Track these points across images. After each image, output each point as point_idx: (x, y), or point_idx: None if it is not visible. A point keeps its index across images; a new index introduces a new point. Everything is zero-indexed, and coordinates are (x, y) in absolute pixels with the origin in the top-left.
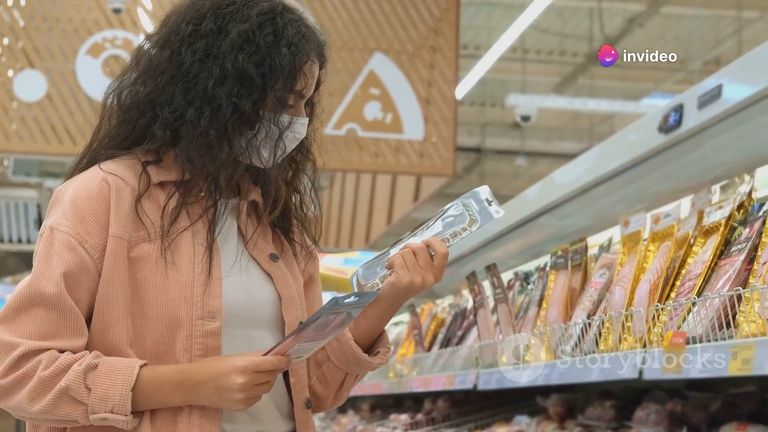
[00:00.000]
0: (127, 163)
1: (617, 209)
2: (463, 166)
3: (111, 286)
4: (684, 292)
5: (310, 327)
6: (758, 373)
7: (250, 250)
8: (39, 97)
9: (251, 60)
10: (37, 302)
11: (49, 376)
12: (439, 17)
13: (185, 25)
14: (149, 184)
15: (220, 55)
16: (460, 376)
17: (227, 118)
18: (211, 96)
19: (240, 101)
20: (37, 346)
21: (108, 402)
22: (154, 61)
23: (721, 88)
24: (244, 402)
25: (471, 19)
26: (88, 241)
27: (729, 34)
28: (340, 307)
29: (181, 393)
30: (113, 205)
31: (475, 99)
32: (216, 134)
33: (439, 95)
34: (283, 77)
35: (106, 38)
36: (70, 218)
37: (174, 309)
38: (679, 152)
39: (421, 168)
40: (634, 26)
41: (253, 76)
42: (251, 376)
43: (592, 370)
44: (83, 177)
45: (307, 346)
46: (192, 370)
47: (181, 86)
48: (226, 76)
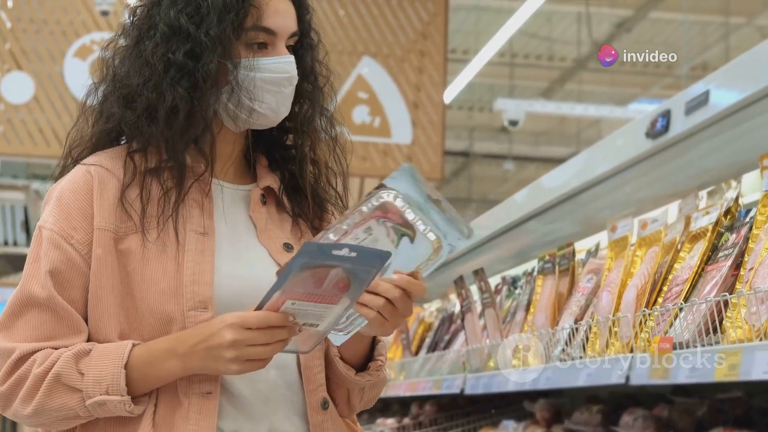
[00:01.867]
0: (112, 153)
1: (605, 214)
2: (451, 170)
3: (100, 280)
4: (671, 297)
5: (289, 279)
6: (745, 378)
7: (262, 239)
8: (26, 99)
9: (184, 12)
10: (29, 305)
11: (43, 371)
12: (428, 21)
13: (140, 9)
14: (136, 173)
15: (158, 20)
16: (447, 380)
17: (162, 75)
18: (151, 62)
19: (174, 54)
20: (32, 347)
21: (102, 383)
22: (117, 52)
23: (708, 94)
24: (236, 362)
25: (459, 24)
26: (74, 236)
27: (716, 40)
28: (327, 258)
29: (175, 360)
30: (96, 196)
31: (463, 103)
32: (157, 98)
33: (427, 99)
34: (218, 14)
35: (94, 40)
36: (55, 215)
37: (164, 302)
38: (666, 158)
39: None
40: (622, 31)
41: (185, 26)
42: (241, 333)
43: (579, 375)
44: (70, 173)
45: (311, 308)
46: (185, 334)
47: (132, 63)
48: (164, 37)
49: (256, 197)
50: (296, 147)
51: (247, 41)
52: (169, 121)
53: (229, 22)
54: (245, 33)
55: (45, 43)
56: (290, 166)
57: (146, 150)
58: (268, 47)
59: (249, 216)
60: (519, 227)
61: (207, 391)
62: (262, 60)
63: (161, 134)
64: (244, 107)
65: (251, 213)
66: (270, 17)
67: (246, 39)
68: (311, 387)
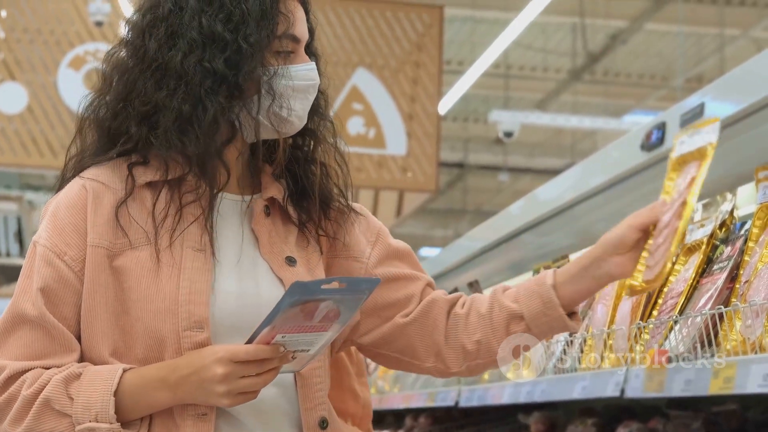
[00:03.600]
0: (110, 166)
1: (600, 227)
2: (445, 181)
3: (93, 299)
4: (666, 310)
5: (278, 317)
6: (739, 391)
7: (264, 253)
8: (20, 109)
9: (217, 18)
10: (20, 322)
11: (32, 393)
12: (423, 33)
13: (142, 18)
14: (134, 187)
15: (183, 28)
16: (441, 392)
17: (199, 85)
18: (180, 71)
19: (211, 63)
20: (22, 366)
21: (91, 410)
22: (121, 64)
23: (703, 106)
24: (227, 396)
25: (454, 35)
26: (67, 252)
27: (711, 51)
28: (315, 294)
29: (166, 390)
30: (90, 212)
31: (458, 114)
32: (191, 109)
33: (422, 110)
34: (256, 22)
35: (88, 51)
36: (49, 230)
37: (159, 322)
38: (661, 170)
39: (403, 183)
40: (617, 43)
41: (222, 33)
42: (232, 367)
43: (574, 388)
44: (66, 187)
45: (302, 338)
46: (175, 364)
47: (150, 76)
48: (194, 45)
49: (259, 209)
50: (300, 148)
51: (278, 48)
52: (208, 133)
53: (265, 29)
54: (278, 40)
55: (39, 54)
56: (295, 170)
57: (148, 162)
58: (293, 54)
59: (252, 229)
60: (514, 239)
61: (202, 412)
62: (291, 67)
63: (195, 147)
64: (273, 115)
65: (254, 226)
66: (296, 25)
67: (278, 46)
68: (308, 405)
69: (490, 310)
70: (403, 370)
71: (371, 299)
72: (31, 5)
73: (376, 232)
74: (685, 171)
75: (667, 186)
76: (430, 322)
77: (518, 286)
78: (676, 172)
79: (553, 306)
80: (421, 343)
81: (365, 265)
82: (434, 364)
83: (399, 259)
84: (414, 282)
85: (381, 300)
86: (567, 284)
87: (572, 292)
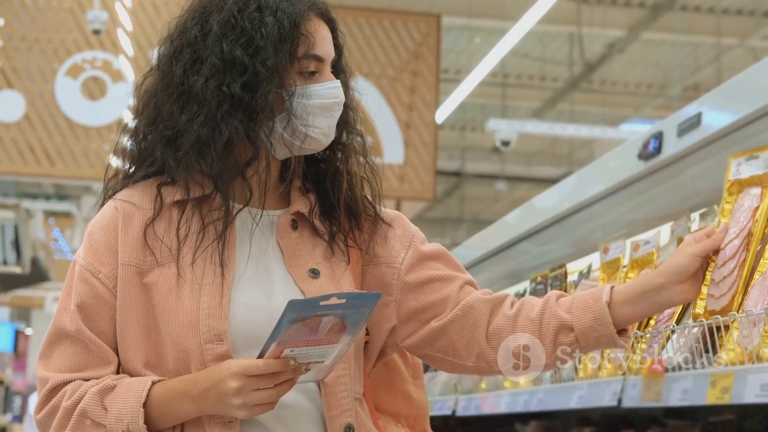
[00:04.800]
0: (142, 186)
1: (597, 236)
2: (443, 189)
3: (125, 314)
4: (663, 319)
5: (281, 333)
6: (737, 401)
7: (289, 266)
8: (17, 117)
9: (237, 44)
10: (61, 337)
11: (71, 404)
12: (420, 42)
13: (171, 43)
14: (162, 206)
15: (206, 54)
16: (438, 401)
17: (216, 109)
18: (201, 96)
19: (230, 87)
20: (64, 378)
21: (123, 420)
22: (151, 89)
23: (700, 116)
24: (243, 408)
25: (452, 44)
26: (101, 270)
27: (708, 60)
28: (314, 310)
29: (190, 402)
30: (120, 231)
31: (455, 123)
32: (209, 132)
33: (419, 119)
34: (274, 45)
35: (85, 59)
36: (86, 250)
37: (183, 336)
38: (658, 179)
39: (401, 192)
40: (614, 52)
41: (241, 58)
42: (245, 381)
43: (572, 397)
44: (102, 209)
45: (312, 351)
46: (196, 378)
47: (175, 101)
48: (216, 70)
49: (285, 223)
50: (329, 161)
51: (300, 69)
52: (222, 154)
53: (285, 51)
54: (298, 61)
55: (36, 62)
56: (324, 183)
57: (176, 183)
58: (316, 74)
59: (278, 242)
60: (511, 248)
61: (228, 420)
62: (314, 86)
63: (211, 168)
64: (298, 134)
65: (279, 239)
66: (319, 45)
67: (298, 67)
68: (334, 413)
69: (540, 316)
70: (448, 370)
71: (408, 304)
72: (29, 14)
73: (410, 237)
74: (745, 196)
75: (725, 209)
76: (469, 322)
77: (573, 297)
78: (734, 196)
79: (605, 324)
80: (461, 342)
81: (398, 270)
82: (476, 363)
83: (434, 260)
84: (450, 283)
85: (416, 304)
86: (623, 305)
87: (627, 313)
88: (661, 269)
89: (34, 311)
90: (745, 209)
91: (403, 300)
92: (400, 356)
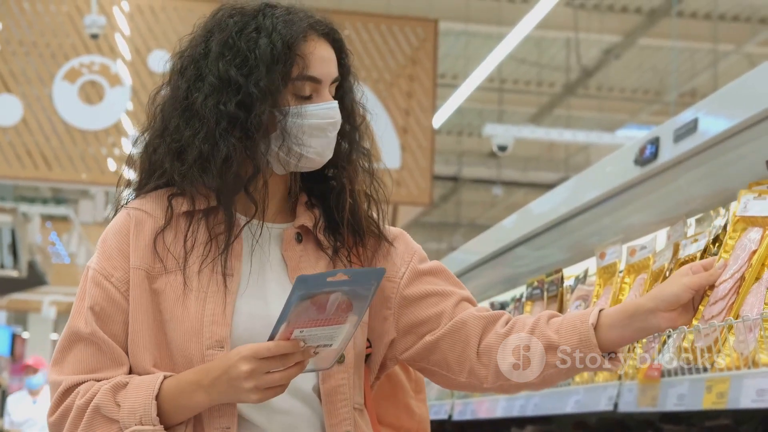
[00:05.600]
0: (153, 196)
1: (593, 241)
2: (439, 194)
3: (136, 317)
4: None
5: (290, 311)
6: (733, 406)
7: (292, 277)
8: (15, 121)
9: (233, 64)
10: (75, 340)
11: (84, 402)
12: (417, 47)
13: (180, 58)
14: (172, 216)
15: (207, 72)
16: (435, 405)
17: (215, 126)
18: (201, 113)
19: (225, 106)
20: (77, 380)
21: (136, 414)
22: (161, 102)
23: (696, 121)
24: (256, 391)
25: (449, 49)
26: (114, 275)
27: (705, 66)
28: (322, 287)
29: (201, 392)
30: (132, 237)
31: (452, 128)
32: (210, 148)
33: (416, 124)
34: (266, 67)
35: (83, 63)
36: (99, 255)
37: (186, 342)
38: (655, 185)
39: (397, 196)
40: (610, 57)
41: (234, 78)
42: (256, 364)
43: (568, 402)
44: (115, 217)
45: (320, 332)
46: (207, 368)
47: (180, 115)
48: (213, 89)
49: (290, 236)
50: (335, 179)
51: (294, 90)
52: (222, 170)
53: (277, 73)
54: (292, 82)
55: (34, 66)
56: (329, 201)
57: (185, 194)
58: (313, 94)
59: (282, 255)
60: (508, 253)
61: (226, 426)
62: (309, 107)
63: (213, 183)
64: (293, 153)
65: (284, 252)
66: (315, 66)
67: (293, 88)
68: (333, 421)
69: (530, 336)
70: (444, 385)
71: (405, 318)
72: (27, 18)
73: (411, 254)
74: (747, 235)
75: (728, 244)
76: (461, 338)
77: (564, 317)
78: (738, 233)
79: (589, 346)
80: (453, 357)
81: (398, 284)
82: (468, 379)
83: (433, 275)
84: (446, 298)
85: (413, 318)
86: (610, 328)
87: (614, 336)
88: (653, 294)
89: (31, 315)
90: (744, 251)
91: (401, 314)
92: (402, 370)
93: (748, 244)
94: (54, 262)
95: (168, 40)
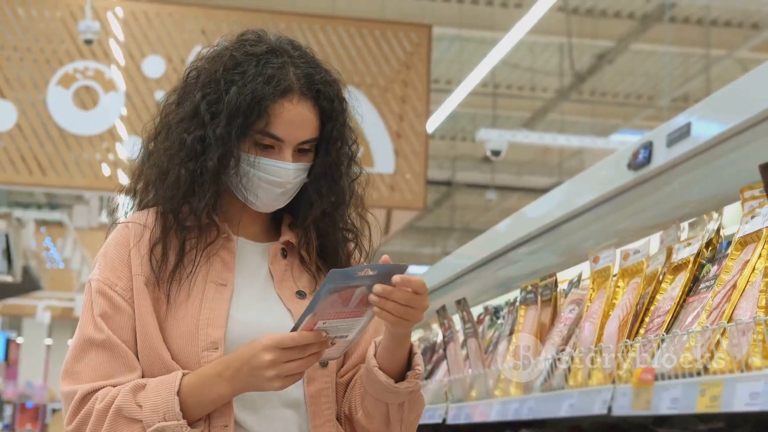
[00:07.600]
0: (149, 211)
1: (587, 245)
2: (433, 199)
3: (143, 320)
4: (653, 328)
5: (319, 303)
6: (726, 410)
7: (278, 289)
8: (9, 127)
9: (206, 99)
10: (88, 347)
11: (104, 406)
12: (411, 51)
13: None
14: (165, 229)
15: (186, 99)
16: (429, 410)
17: (176, 151)
18: (173, 135)
19: (187, 136)
20: (93, 387)
21: (159, 411)
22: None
23: (690, 126)
24: (277, 380)
25: (442, 54)
26: (117, 284)
27: (697, 71)
28: (351, 280)
29: (224, 384)
30: (133, 247)
31: (445, 133)
32: (176, 171)
33: (410, 129)
34: (228, 115)
35: (77, 69)
36: (101, 267)
37: (182, 344)
38: (648, 189)
39: (391, 201)
40: (603, 62)
41: (203, 115)
42: (278, 353)
43: (562, 405)
44: (113, 231)
45: (341, 324)
46: (228, 359)
47: (164, 138)
48: (185, 116)
49: (276, 251)
50: (315, 204)
51: (256, 139)
52: (186, 193)
53: (236, 125)
54: (254, 134)
55: (28, 71)
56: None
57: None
58: (275, 149)
59: (269, 269)
60: (502, 257)
61: (224, 424)
62: (263, 160)
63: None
64: (241, 194)
65: (270, 266)
66: (279, 126)
67: (254, 138)
68: (317, 422)
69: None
70: None
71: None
72: (21, 23)
73: None
74: (745, 252)
75: (728, 265)
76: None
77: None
78: (738, 252)
79: (369, 367)
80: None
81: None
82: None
83: None
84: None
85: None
86: (381, 349)
87: (380, 353)
88: None
89: (25, 320)
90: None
91: None
92: None
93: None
94: (48, 267)
95: (162, 46)
